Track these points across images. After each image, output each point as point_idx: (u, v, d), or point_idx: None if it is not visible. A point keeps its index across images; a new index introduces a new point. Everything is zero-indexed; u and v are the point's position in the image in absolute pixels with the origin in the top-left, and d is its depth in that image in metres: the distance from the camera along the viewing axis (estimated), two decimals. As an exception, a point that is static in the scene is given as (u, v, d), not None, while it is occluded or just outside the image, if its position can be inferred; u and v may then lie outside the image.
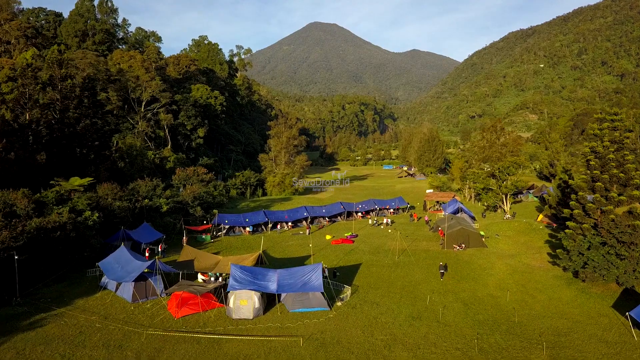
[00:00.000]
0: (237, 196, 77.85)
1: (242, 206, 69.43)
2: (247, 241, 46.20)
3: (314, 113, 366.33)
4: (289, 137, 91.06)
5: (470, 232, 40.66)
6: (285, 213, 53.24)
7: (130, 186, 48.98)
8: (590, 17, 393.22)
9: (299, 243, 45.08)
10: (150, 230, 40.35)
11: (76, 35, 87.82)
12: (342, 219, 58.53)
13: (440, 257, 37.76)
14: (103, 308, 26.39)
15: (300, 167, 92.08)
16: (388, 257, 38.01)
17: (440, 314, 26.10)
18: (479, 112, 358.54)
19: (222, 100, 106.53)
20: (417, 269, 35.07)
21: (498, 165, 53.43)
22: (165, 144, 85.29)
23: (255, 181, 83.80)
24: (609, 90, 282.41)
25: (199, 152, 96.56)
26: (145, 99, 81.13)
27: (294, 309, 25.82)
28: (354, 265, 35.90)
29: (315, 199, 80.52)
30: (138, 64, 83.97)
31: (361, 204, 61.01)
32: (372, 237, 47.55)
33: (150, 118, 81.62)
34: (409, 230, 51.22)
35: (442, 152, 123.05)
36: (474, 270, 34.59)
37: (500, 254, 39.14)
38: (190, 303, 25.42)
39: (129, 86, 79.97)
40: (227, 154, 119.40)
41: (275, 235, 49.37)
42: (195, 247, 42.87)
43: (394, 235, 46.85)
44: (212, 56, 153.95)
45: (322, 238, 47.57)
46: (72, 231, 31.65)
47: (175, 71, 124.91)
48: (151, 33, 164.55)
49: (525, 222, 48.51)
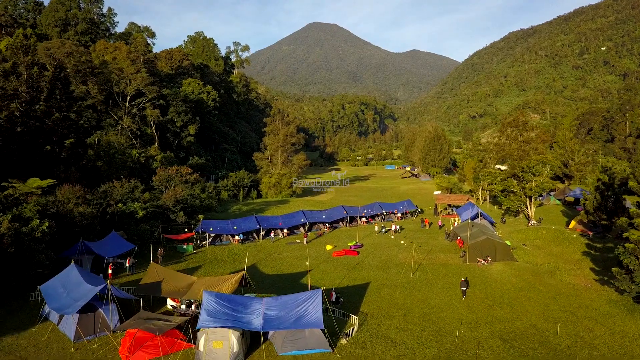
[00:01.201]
0: (229, 199, 71.50)
1: (233, 210, 63.19)
2: (235, 252, 40.01)
3: (313, 113, 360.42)
4: (286, 134, 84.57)
5: (496, 243, 34.50)
6: (279, 219, 47.01)
7: (101, 188, 42.74)
8: (591, 17, 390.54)
9: (295, 255, 38.90)
10: (119, 241, 34.10)
11: (57, 24, 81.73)
12: (345, 225, 52.35)
13: (463, 273, 31.60)
14: (35, 350, 20.16)
15: (299, 167, 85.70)
16: (401, 274, 31.83)
17: (476, 356, 19.96)
18: (480, 112, 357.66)
19: (215, 95, 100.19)
20: (437, 289, 28.90)
21: (522, 164, 47.34)
22: (153, 142, 79.03)
23: (249, 182, 77.39)
24: (612, 89, 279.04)
25: (190, 151, 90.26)
26: (130, 93, 74.81)
27: (285, 351, 19.68)
28: (360, 285, 29.71)
29: (315, 202, 74.32)
30: (123, 55, 77.63)
31: (366, 208, 54.79)
32: (380, 247, 41.36)
33: (136, 114, 75.24)
34: (421, 238, 45.05)
35: (448, 151, 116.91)
36: (507, 292, 28.42)
37: (535, 269, 32.95)
38: (147, 345, 19.20)
39: (113, 79, 73.72)
40: (221, 154, 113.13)
41: (267, 244, 43.16)
42: (175, 259, 36.82)
43: (406, 246, 40.69)
44: (207, 52, 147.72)
45: (321, 248, 41.39)
46: (11, 245, 25.40)
47: (167, 66, 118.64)
48: (145, 28, 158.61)
49: (555, 230, 42.38)
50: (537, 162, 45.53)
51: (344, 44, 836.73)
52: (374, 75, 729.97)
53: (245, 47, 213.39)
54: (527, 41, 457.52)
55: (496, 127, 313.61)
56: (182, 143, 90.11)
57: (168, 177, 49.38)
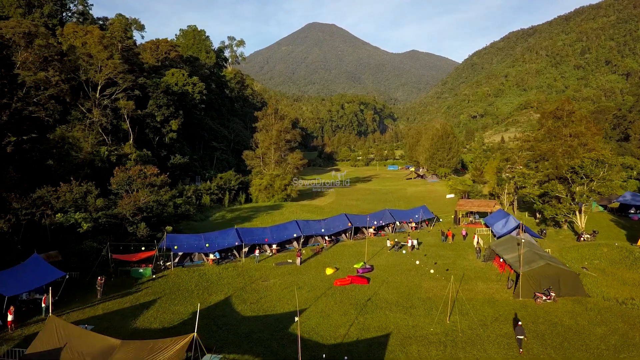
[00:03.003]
0: (212, 204, 61.81)
1: (215, 217, 53.70)
2: (208, 277, 30.57)
3: (312, 112, 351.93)
4: (280, 130, 74.91)
5: (560, 271, 25.19)
6: (267, 232, 37.42)
7: (37, 193, 33.27)
8: (592, 16, 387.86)
9: (285, 281, 29.49)
10: (41, 268, 24.64)
11: (19, 5, 72.45)
12: (348, 238, 42.95)
13: (517, 314, 22.26)
14: None
15: (294, 167, 76.13)
16: (433, 317, 22.47)
17: None
18: (480, 112, 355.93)
19: (202, 87, 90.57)
20: (490, 345, 19.53)
21: (570, 163, 38.18)
22: (128, 138, 69.41)
23: (237, 184, 67.67)
24: (616, 89, 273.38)
25: (173, 149, 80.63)
26: (101, 82, 65.21)
27: None
28: (376, 338, 20.29)
29: (312, 207, 64.86)
30: (95, 40, 68.05)
31: (374, 218, 45.22)
32: (396, 270, 31.95)
33: (107, 106, 65.62)
34: (445, 256, 35.68)
35: (457, 150, 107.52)
36: (595, 353, 19.03)
37: (622, 311, 23.50)
38: None
39: (81, 66, 64.15)
40: (210, 153, 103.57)
41: (251, 265, 33.70)
42: (125, 289, 27.36)
43: (428, 269, 31.29)
44: (198, 44, 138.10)
45: (319, 272, 31.98)
46: None
47: (152, 57, 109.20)
48: (133, 20, 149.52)
49: (620, 248, 33.09)
50: (592, 160, 36.32)
51: (342, 44, 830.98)
52: (373, 76, 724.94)
53: (240, 42, 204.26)
54: (527, 41, 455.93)
55: (497, 126, 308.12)
56: (165, 140, 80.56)
57: (128, 179, 39.82)
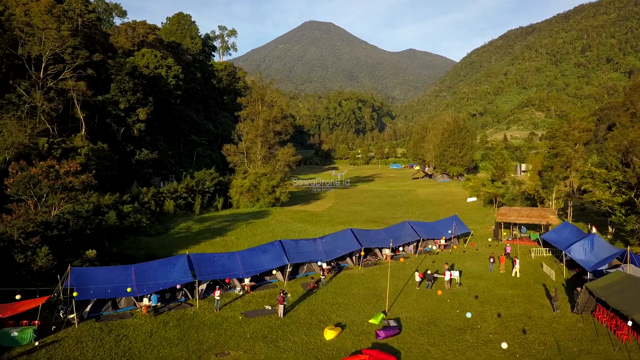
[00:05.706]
0: (179, 211, 48.85)
1: (179, 229, 41.08)
2: (130, 343, 18.04)
3: (309, 110, 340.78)
4: (268, 119, 62.06)
5: None
6: (236, 260, 24.80)
7: None
8: (592, 14, 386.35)
9: (255, 357, 17.02)
10: None
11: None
12: (355, 264, 30.58)
13: None
14: None
15: (285, 165, 63.54)
16: None
17: None
18: (480, 110, 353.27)
19: (178, 71, 77.88)
20: None
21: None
22: (80, 128, 56.66)
23: (213, 185, 54.72)
24: (618, 87, 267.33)
25: (143, 143, 67.82)
26: (45, 58, 52.44)
27: None
28: None
29: (306, 215, 52.31)
30: (41, 9, 55.37)
31: (391, 234, 32.49)
32: (439, 331, 19.63)
33: (52, 87, 52.80)
34: (507, 300, 23.46)
35: (471, 146, 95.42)
36: None
37: None
38: None
39: (19, 38, 51.45)
40: (191, 148, 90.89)
41: (207, 316, 21.24)
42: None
43: (490, 332, 18.92)
44: (182, 29, 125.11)
45: (313, 333, 19.58)
46: None
47: (128, 41, 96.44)
48: (114, 6, 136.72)
49: None
50: None
51: (340, 43, 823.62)
52: (370, 74, 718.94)
53: (231, 32, 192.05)
54: (526, 39, 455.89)
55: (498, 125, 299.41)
56: (133, 132, 67.82)
57: (30, 180, 27.01)
